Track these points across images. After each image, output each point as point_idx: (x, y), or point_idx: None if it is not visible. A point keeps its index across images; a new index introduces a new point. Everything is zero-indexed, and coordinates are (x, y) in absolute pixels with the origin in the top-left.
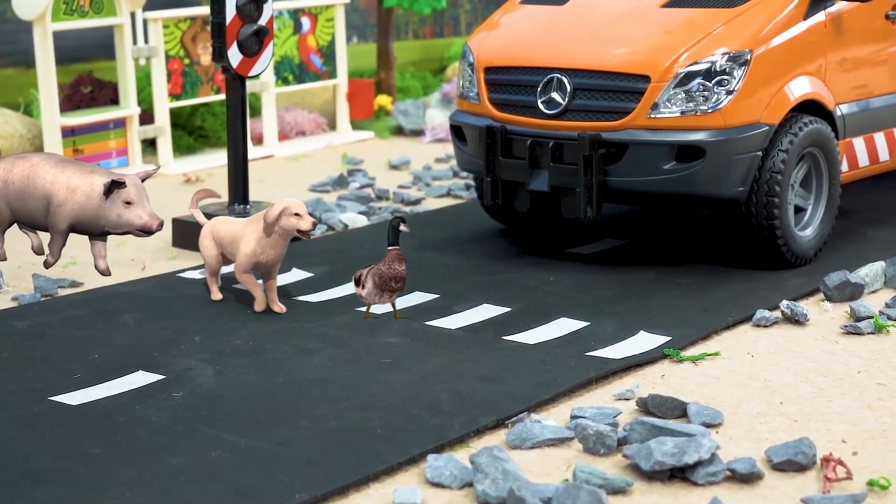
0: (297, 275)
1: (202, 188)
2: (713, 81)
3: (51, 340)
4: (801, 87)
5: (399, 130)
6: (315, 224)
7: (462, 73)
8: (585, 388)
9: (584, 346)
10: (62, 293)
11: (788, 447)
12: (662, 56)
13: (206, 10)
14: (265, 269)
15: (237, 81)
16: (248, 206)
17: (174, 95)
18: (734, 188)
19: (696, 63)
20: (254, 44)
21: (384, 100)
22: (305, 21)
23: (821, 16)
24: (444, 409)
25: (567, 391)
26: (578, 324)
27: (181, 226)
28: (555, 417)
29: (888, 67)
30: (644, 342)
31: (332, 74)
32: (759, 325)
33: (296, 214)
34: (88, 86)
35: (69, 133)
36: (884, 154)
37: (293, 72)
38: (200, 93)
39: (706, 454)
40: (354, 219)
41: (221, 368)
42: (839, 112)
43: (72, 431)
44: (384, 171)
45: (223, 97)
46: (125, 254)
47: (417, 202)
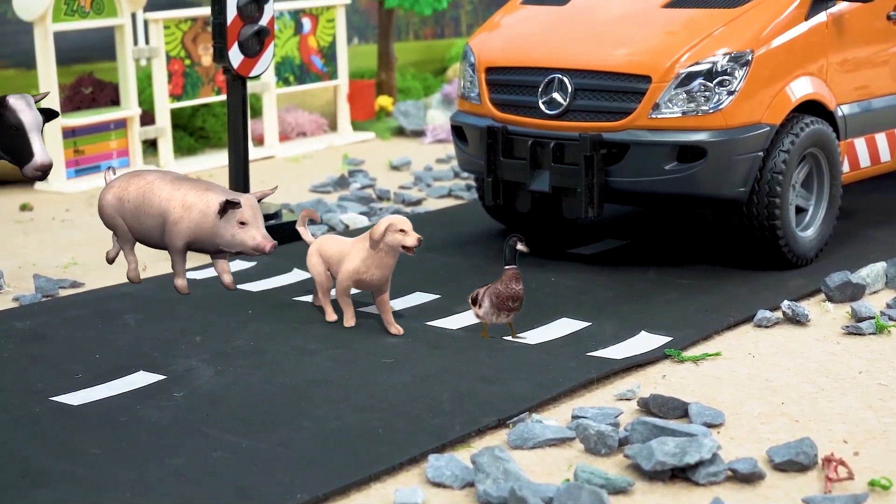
0: (298, 275)
1: (307, 208)
2: (714, 82)
3: (52, 341)
4: (803, 88)
5: (400, 131)
6: (420, 240)
7: (463, 74)
8: (587, 389)
9: (586, 347)
10: (63, 294)
11: (790, 447)
12: (663, 56)
13: (207, 11)
14: (373, 289)
15: (238, 82)
16: None
17: (175, 96)
18: (735, 189)
19: (698, 63)
20: (255, 44)
21: (385, 100)
22: (306, 22)
23: (822, 16)
24: (446, 410)
25: (568, 391)
26: (580, 324)
27: None
28: (556, 417)
29: (889, 68)
30: (645, 342)
31: (333, 75)
32: (761, 326)
33: (401, 230)
34: (89, 86)
35: (70, 134)
36: (885, 155)
37: (294, 73)
38: (201, 93)
39: (707, 454)
40: (355, 219)
41: (222, 369)
42: (840, 112)
43: (72, 432)
44: (385, 172)
45: (224, 98)
46: None
47: (418, 203)
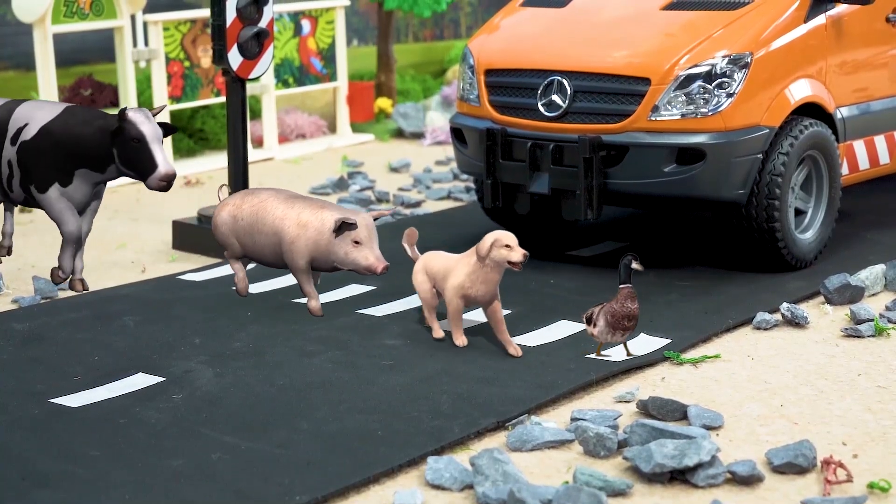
0: None
1: (411, 227)
2: (713, 84)
3: (51, 343)
4: (802, 90)
5: (399, 133)
6: (527, 256)
7: (462, 76)
8: (586, 391)
9: (585, 349)
10: (62, 295)
11: (789, 450)
12: (663, 59)
13: (207, 13)
14: (483, 305)
15: (237, 84)
16: None
17: (174, 98)
18: (734, 191)
19: (697, 66)
20: (254, 46)
21: (384, 102)
22: (305, 24)
23: (821, 19)
24: (445, 412)
25: (567, 393)
26: (579, 326)
27: (181, 228)
28: (555, 419)
29: (888, 70)
30: (644, 344)
31: (333, 77)
32: (760, 328)
33: (506, 246)
34: (88, 88)
35: None
36: (884, 157)
37: (293, 74)
38: (200, 95)
39: (706, 456)
40: None
41: (221, 371)
42: (839, 115)
43: (72, 434)
44: (384, 174)
45: (223, 100)
46: (125, 256)
47: (417, 205)
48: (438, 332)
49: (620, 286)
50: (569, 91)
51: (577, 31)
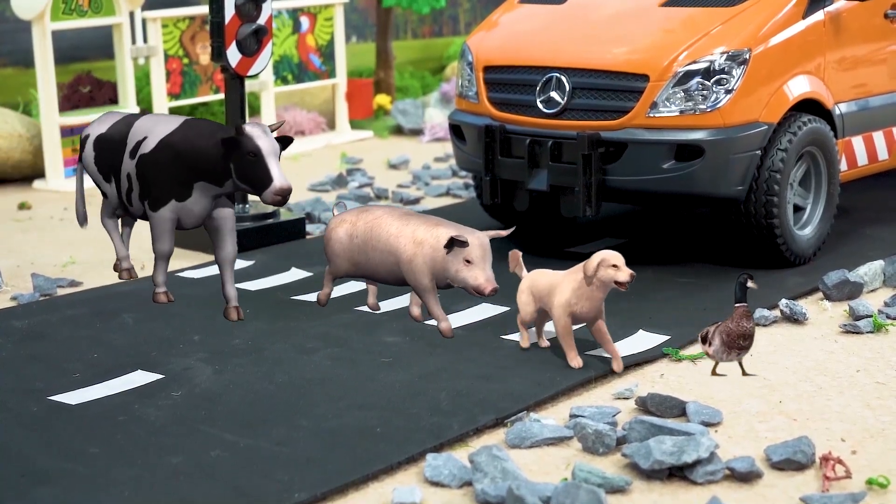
0: (296, 274)
1: (514, 250)
2: (712, 80)
3: (50, 340)
4: (800, 86)
5: (398, 130)
6: (633, 276)
7: (461, 73)
8: (584, 388)
9: (583, 345)
10: (61, 293)
11: (787, 446)
12: (661, 55)
13: (205, 10)
14: (587, 322)
15: (236, 81)
16: (247, 206)
17: (173, 95)
18: (733, 187)
19: (695, 62)
20: (253, 43)
21: (383, 99)
22: (304, 20)
23: (819, 15)
24: (444, 409)
25: (566, 390)
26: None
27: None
28: (554, 416)
29: (887, 66)
30: (643, 341)
31: (331, 74)
32: (758, 324)
33: (613, 266)
34: (87, 85)
35: (68, 132)
36: (882, 153)
37: (292, 71)
38: (199, 92)
39: (705, 453)
40: None
41: (220, 368)
42: (838, 111)
43: (71, 431)
44: (383, 171)
45: (222, 97)
46: None
47: (416, 201)
48: (526, 342)
49: (736, 305)
50: (567, 88)
51: (576, 28)
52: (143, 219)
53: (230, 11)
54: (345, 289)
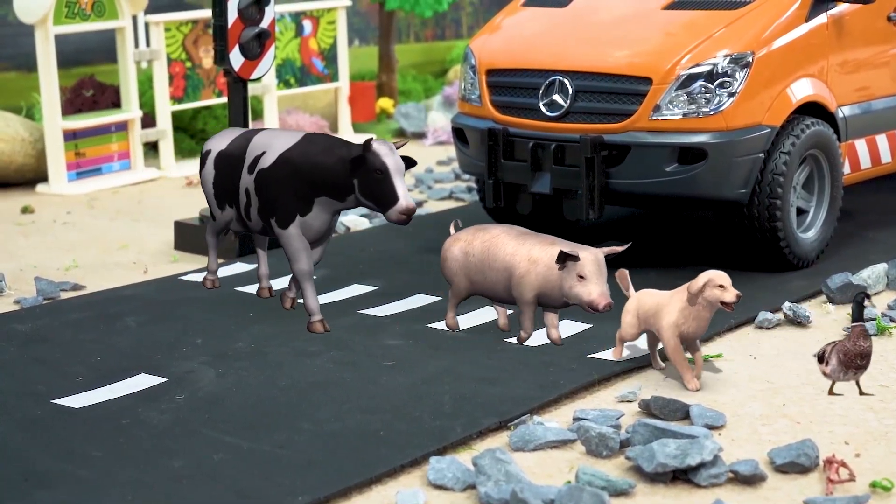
0: None
1: (621, 269)
2: (715, 83)
3: (53, 343)
4: (803, 89)
5: (401, 133)
6: (739, 296)
7: (464, 76)
8: (588, 390)
9: (587, 348)
10: (64, 296)
11: (791, 449)
12: (664, 58)
13: (208, 13)
14: (688, 342)
15: (239, 84)
16: None
17: (176, 98)
18: (736, 190)
19: (698, 65)
20: (255, 47)
21: (386, 103)
22: (307, 24)
23: (822, 18)
24: (447, 411)
25: (569, 393)
26: (580, 326)
27: (183, 229)
28: (557, 419)
29: (890, 69)
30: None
31: (334, 77)
32: (762, 327)
33: (720, 286)
34: (90, 89)
35: (71, 136)
36: (886, 156)
37: (295, 75)
38: (202, 96)
39: (709, 456)
40: (356, 221)
41: (223, 371)
42: (841, 114)
43: (74, 434)
44: None
45: (225, 100)
46: (127, 257)
47: (419, 205)
48: (618, 354)
49: (853, 324)
50: (570, 91)
51: (579, 31)
52: (263, 234)
53: (233, 15)
54: (347, 293)
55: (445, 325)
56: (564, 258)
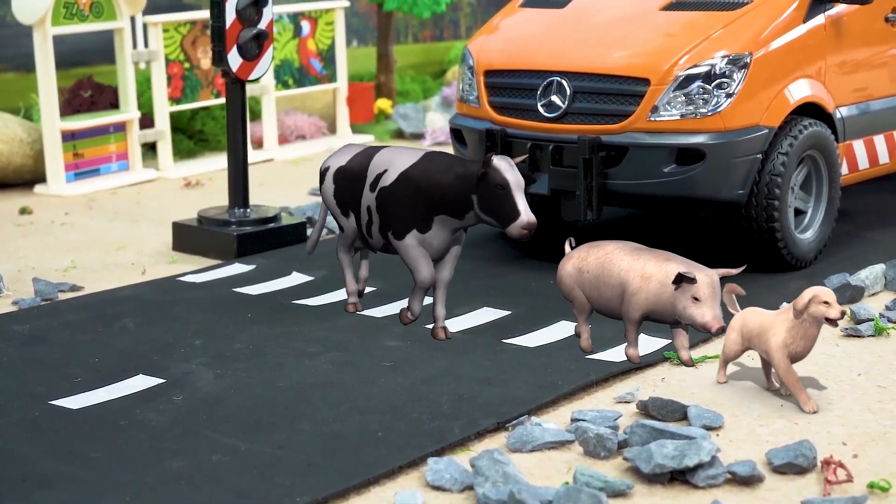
0: (298, 278)
1: (730, 283)
2: (713, 84)
3: (51, 344)
4: (801, 90)
5: (399, 134)
6: (843, 313)
7: (462, 77)
8: (586, 391)
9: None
10: (62, 297)
11: (789, 450)
12: (662, 59)
13: (206, 14)
14: (796, 360)
15: (237, 85)
16: (248, 210)
17: (174, 99)
18: (734, 191)
19: (696, 66)
20: (254, 48)
21: (384, 103)
22: (305, 25)
23: (820, 18)
24: (445, 412)
25: (567, 394)
26: None
27: (181, 230)
28: (555, 420)
29: (888, 70)
30: (644, 345)
31: (332, 78)
32: None
33: (825, 303)
34: (88, 90)
35: (69, 137)
36: (884, 156)
37: (293, 75)
38: (200, 97)
39: (706, 457)
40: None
41: (222, 372)
42: (839, 115)
43: (72, 435)
44: None
45: (223, 101)
46: (125, 257)
47: None
48: (723, 378)
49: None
50: (568, 92)
51: (577, 32)
52: (383, 251)
53: (231, 16)
54: (345, 293)
55: (580, 349)
56: (681, 280)
